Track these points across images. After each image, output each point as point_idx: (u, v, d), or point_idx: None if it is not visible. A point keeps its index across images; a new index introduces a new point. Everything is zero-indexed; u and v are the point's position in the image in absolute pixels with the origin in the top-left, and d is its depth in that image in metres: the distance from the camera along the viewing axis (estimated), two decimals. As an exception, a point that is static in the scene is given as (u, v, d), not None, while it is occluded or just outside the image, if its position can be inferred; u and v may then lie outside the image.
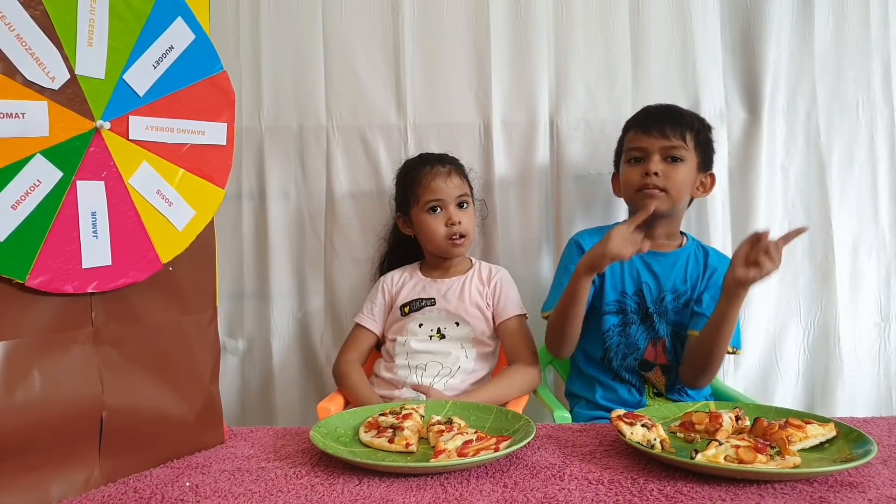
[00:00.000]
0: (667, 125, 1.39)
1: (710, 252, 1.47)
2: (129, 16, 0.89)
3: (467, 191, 1.51)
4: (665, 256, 1.43)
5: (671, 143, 1.39)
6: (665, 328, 1.40)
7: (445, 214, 1.46)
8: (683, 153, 1.39)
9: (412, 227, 1.52)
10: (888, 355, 1.68)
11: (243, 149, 1.70)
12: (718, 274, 1.39)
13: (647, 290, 1.40)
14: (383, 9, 1.68)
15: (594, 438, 0.99)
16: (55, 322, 0.83)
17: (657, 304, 1.40)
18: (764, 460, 0.81)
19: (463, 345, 1.44)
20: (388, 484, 0.83)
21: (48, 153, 0.81)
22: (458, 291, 1.48)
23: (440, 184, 1.46)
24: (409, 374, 1.41)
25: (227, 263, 1.68)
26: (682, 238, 1.48)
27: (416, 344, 1.43)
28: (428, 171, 1.48)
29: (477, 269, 1.53)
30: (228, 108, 1.01)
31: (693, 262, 1.44)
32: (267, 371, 1.74)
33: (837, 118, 1.68)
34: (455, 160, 1.54)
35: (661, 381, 1.41)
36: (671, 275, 1.41)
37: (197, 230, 0.98)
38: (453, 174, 1.49)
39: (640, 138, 1.41)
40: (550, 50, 1.68)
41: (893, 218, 1.69)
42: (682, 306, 1.40)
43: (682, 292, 1.40)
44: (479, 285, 1.50)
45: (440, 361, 1.42)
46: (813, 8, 1.66)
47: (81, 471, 0.84)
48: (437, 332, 1.45)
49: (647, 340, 1.40)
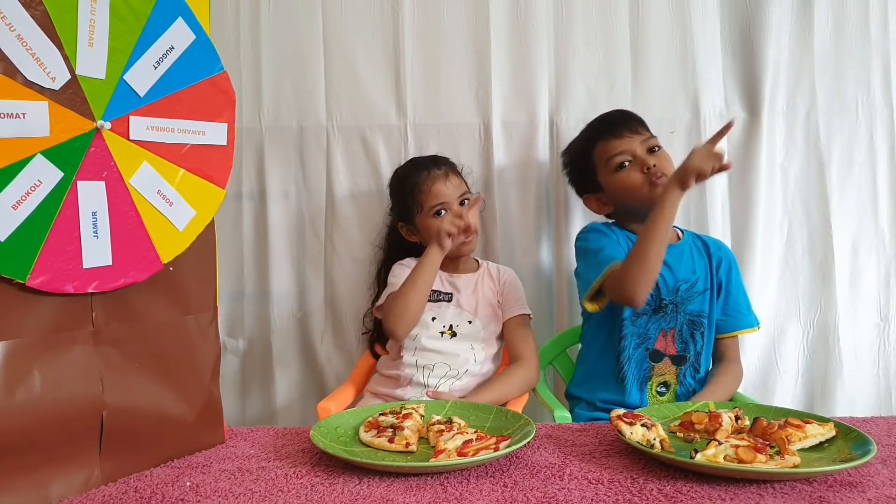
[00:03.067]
0: (630, 124, 1.45)
1: (707, 241, 1.50)
2: (130, 16, 0.89)
3: (465, 188, 1.51)
4: (672, 248, 1.42)
5: (645, 136, 1.44)
6: (679, 318, 1.41)
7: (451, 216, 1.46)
8: (655, 140, 1.45)
9: (418, 235, 1.52)
10: (888, 355, 1.68)
11: (243, 149, 1.70)
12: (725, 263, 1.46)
13: (662, 281, 1.40)
14: (383, 9, 1.68)
15: (594, 438, 0.99)
16: (56, 322, 0.83)
17: (673, 293, 1.41)
18: (763, 460, 0.82)
19: (473, 345, 1.44)
20: (388, 484, 0.83)
21: (49, 153, 0.81)
22: (472, 288, 1.49)
23: (441, 187, 1.46)
24: (416, 372, 1.41)
25: (227, 263, 1.68)
26: (677, 231, 1.50)
27: (427, 341, 1.42)
28: (426, 176, 1.48)
29: (486, 268, 1.54)
30: (229, 108, 1.02)
31: (696, 251, 1.47)
32: (267, 371, 1.74)
33: (837, 118, 1.68)
34: (447, 160, 1.54)
35: (672, 370, 1.41)
36: (681, 265, 1.43)
37: (197, 230, 0.98)
38: (451, 175, 1.49)
39: (616, 144, 1.43)
40: (550, 50, 1.69)
41: (893, 218, 1.69)
42: (695, 294, 1.42)
43: (693, 281, 1.42)
44: (491, 283, 1.51)
45: (448, 363, 1.41)
46: (813, 8, 1.66)
47: (82, 470, 0.84)
48: (448, 330, 1.44)
49: (658, 330, 1.40)
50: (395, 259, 1.57)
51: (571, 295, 1.69)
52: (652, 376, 1.41)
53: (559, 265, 1.69)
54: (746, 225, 1.68)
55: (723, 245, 1.52)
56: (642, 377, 1.40)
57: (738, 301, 1.46)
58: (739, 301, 1.46)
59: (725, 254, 1.48)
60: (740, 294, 1.47)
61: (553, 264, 1.71)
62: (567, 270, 1.68)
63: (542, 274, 1.71)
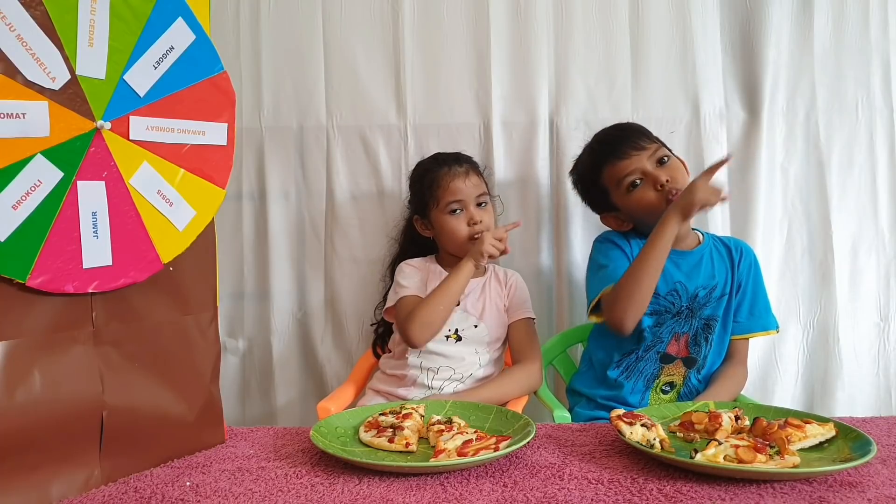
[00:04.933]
0: (632, 140, 1.39)
1: (729, 243, 1.47)
2: (130, 16, 0.89)
3: (485, 189, 1.49)
4: (690, 255, 1.42)
5: (651, 150, 1.39)
6: (694, 322, 1.39)
7: (467, 215, 1.44)
8: (663, 150, 1.40)
9: (432, 229, 1.50)
10: (888, 355, 1.68)
11: (243, 149, 1.70)
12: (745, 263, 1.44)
13: (682, 289, 1.39)
14: (383, 9, 1.68)
15: (594, 438, 0.99)
16: (56, 322, 0.83)
17: (692, 300, 1.39)
18: (763, 460, 0.82)
19: (477, 349, 1.42)
20: (387, 484, 0.83)
21: (49, 153, 0.81)
22: (479, 292, 1.47)
23: (459, 185, 1.44)
24: (420, 374, 1.40)
25: (227, 263, 1.68)
26: (698, 235, 1.47)
27: (432, 344, 1.40)
28: (446, 171, 1.46)
29: (493, 272, 1.52)
30: (229, 109, 1.02)
31: (717, 255, 1.44)
32: (267, 371, 1.74)
33: (837, 118, 1.68)
34: (470, 159, 1.52)
35: (681, 371, 1.40)
36: (700, 271, 1.40)
37: (197, 230, 0.98)
38: (471, 173, 1.47)
39: (623, 165, 1.38)
40: (550, 50, 1.69)
41: (893, 218, 1.69)
42: (713, 299, 1.40)
43: (711, 286, 1.40)
44: (498, 287, 1.50)
45: (453, 367, 1.40)
46: (813, 8, 1.66)
47: (82, 470, 0.84)
48: (454, 333, 1.43)
49: (672, 334, 1.39)
50: (409, 253, 1.56)
51: (571, 295, 1.69)
52: (660, 376, 1.40)
53: (559, 265, 1.69)
54: (746, 225, 1.68)
55: (745, 246, 1.48)
56: (650, 377, 1.40)
57: (755, 303, 1.43)
58: (757, 303, 1.44)
59: (747, 255, 1.45)
60: (759, 295, 1.44)
61: (553, 264, 1.71)
62: (567, 271, 1.69)
63: (541, 274, 1.71)
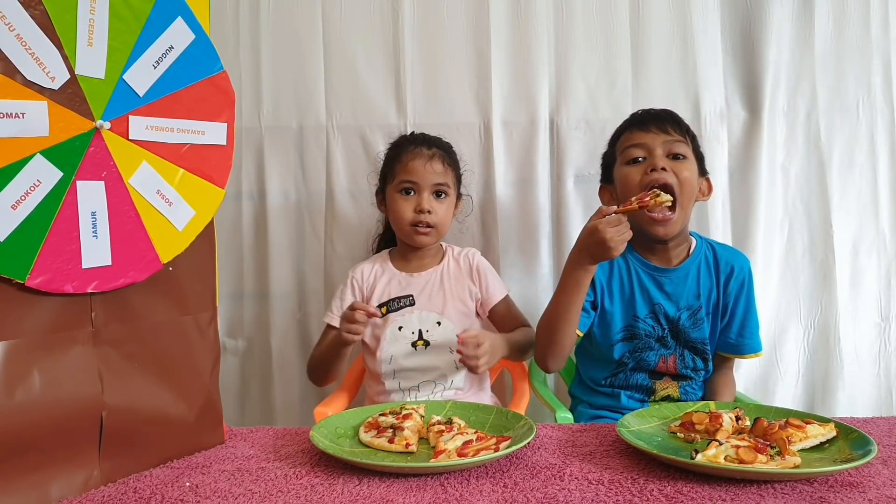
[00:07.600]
0: (667, 123, 1.32)
1: (720, 256, 1.36)
2: (129, 16, 0.88)
3: (449, 181, 1.41)
4: (675, 272, 1.34)
5: (673, 138, 1.30)
6: (680, 345, 1.33)
7: (417, 199, 1.38)
8: (686, 150, 1.31)
9: (384, 206, 1.45)
10: (888, 355, 1.69)
11: (243, 149, 1.70)
12: (736, 282, 1.34)
13: (661, 312, 1.32)
14: (383, 9, 1.68)
15: (594, 438, 0.99)
16: (55, 322, 0.83)
17: (674, 323, 1.32)
18: (764, 460, 0.81)
19: (451, 349, 1.35)
20: (388, 484, 0.83)
21: (48, 153, 0.81)
22: (436, 285, 1.41)
23: (417, 165, 1.37)
24: (403, 396, 1.36)
25: (227, 263, 1.69)
26: (691, 241, 1.38)
27: (403, 360, 1.35)
28: (411, 150, 1.40)
29: (450, 257, 1.45)
30: (228, 108, 1.01)
31: (704, 268, 1.35)
32: (267, 371, 1.74)
33: (838, 118, 1.68)
34: (447, 146, 1.47)
35: (674, 385, 1.35)
36: (684, 291, 1.33)
37: (197, 230, 0.98)
38: (436, 159, 1.39)
39: (638, 136, 1.32)
40: (550, 50, 1.69)
41: (893, 218, 1.69)
42: (698, 321, 1.33)
43: (696, 308, 1.33)
44: (458, 273, 1.43)
45: (432, 379, 1.37)
46: (813, 8, 1.66)
47: (81, 471, 0.84)
48: (419, 338, 1.37)
49: (658, 357, 1.34)
50: (388, 232, 1.52)
51: (572, 295, 1.69)
52: (656, 390, 1.36)
53: (559, 265, 1.69)
54: (747, 225, 1.68)
55: (737, 261, 1.36)
56: (645, 390, 1.36)
57: (746, 324, 1.34)
58: (748, 324, 1.35)
59: (738, 273, 1.34)
60: (750, 316, 1.35)
61: (553, 264, 1.71)
62: (567, 271, 1.68)
63: (541, 274, 1.71)
